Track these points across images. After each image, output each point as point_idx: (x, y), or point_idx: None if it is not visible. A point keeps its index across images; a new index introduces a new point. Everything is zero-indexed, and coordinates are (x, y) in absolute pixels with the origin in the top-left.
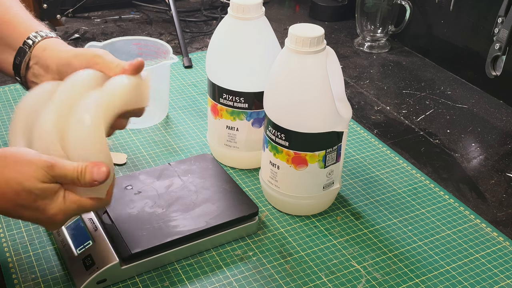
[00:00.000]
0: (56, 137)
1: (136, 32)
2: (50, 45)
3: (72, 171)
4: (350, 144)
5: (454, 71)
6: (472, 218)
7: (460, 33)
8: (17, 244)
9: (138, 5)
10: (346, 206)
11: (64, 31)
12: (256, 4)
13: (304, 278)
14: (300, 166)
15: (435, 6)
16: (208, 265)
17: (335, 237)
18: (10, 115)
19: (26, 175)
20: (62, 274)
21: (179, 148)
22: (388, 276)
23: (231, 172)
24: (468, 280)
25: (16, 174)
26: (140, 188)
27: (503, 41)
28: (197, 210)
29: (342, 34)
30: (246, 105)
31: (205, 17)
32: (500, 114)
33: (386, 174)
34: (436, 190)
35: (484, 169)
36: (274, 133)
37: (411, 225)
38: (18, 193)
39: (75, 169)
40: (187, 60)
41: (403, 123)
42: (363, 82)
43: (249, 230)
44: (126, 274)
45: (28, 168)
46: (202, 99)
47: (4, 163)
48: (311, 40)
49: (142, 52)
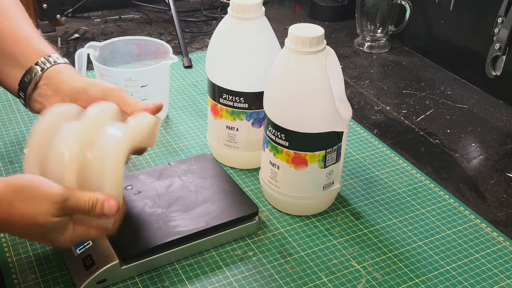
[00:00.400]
0: (75, 167)
1: (136, 32)
2: (65, 70)
3: (84, 204)
4: (350, 144)
5: (454, 71)
6: (472, 218)
7: (460, 33)
8: (17, 244)
9: (138, 5)
10: (346, 206)
11: (64, 31)
12: (256, 4)
13: (304, 278)
14: (300, 166)
15: (435, 6)
16: (208, 265)
17: (335, 237)
18: (10, 115)
19: (41, 212)
20: (62, 274)
21: (179, 148)
22: (388, 276)
23: (231, 172)
24: (468, 280)
25: (31, 209)
26: (140, 188)
27: (503, 41)
28: (197, 210)
29: (342, 34)
30: (246, 105)
31: (205, 17)
32: (500, 114)
33: (386, 174)
34: (436, 190)
35: (484, 169)
36: (274, 133)
37: (411, 225)
38: (30, 226)
39: (86, 202)
40: (187, 60)
41: (403, 123)
42: (363, 82)
43: (249, 230)
44: (126, 274)
45: (42, 205)
46: (202, 99)
47: (21, 197)
48: (311, 40)
49: (142, 52)
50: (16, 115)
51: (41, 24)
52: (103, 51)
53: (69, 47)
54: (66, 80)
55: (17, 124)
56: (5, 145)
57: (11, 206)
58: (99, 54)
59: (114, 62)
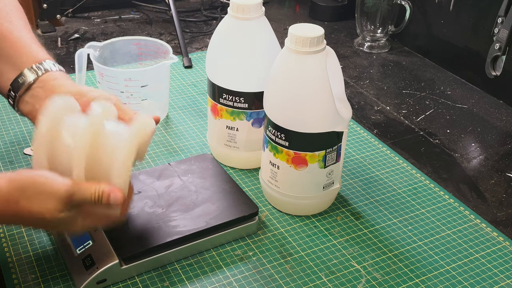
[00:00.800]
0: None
1: (136, 32)
2: (61, 77)
3: (90, 196)
4: (350, 144)
5: (454, 71)
6: (472, 218)
7: (460, 33)
8: (17, 244)
9: (138, 5)
10: (346, 206)
11: (64, 31)
12: (256, 4)
13: (304, 278)
14: (300, 166)
15: (435, 6)
16: (208, 265)
17: (335, 237)
18: (10, 115)
19: (48, 208)
20: (62, 274)
21: (179, 148)
22: (388, 276)
23: (231, 172)
24: (468, 280)
25: (38, 206)
26: (140, 188)
27: (503, 41)
28: (197, 210)
29: (342, 34)
30: (246, 105)
31: (205, 17)
32: (500, 114)
33: (386, 174)
34: (436, 190)
35: (484, 169)
36: (274, 133)
37: (411, 225)
38: (40, 222)
39: (92, 194)
40: (187, 60)
41: (403, 123)
42: (363, 82)
43: (249, 230)
44: (126, 274)
45: (49, 201)
46: (202, 99)
47: (26, 194)
48: (311, 40)
49: (142, 52)
50: (16, 115)
51: (41, 24)
52: (103, 51)
53: (69, 47)
54: (61, 85)
55: (17, 124)
56: (5, 145)
57: (18, 204)
58: (99, 54)
59: (114, 62)
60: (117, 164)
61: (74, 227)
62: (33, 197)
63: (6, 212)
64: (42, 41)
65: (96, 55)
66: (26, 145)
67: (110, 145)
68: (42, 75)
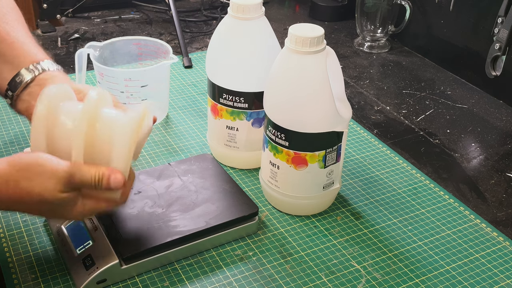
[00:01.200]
0: (82, 141)
1: (136, 32)
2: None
3: (90, 178)
4: (350, 144)
5: (454, 71)
6: (472, 218)
7: (460, 33)
8: (17, 244)
9: (138, 5)
10: (346, 206)
11: (64, 31)
12: (256, 4)
13: (304, 278)
14: (300, 166)
15: (435, 6)
16: (208, 265)
17: (335, 237)
18: (10, 115)
19: (48, 188)
20: (62, 274)
21: (179, 148)
22: (388, 276)
23: (231, 172)
24: (468, 280)
25: (38, 187)
26: (140, 188)
27: (503, 41)
28: (197, 210)
29: (342, 34)
30: (246, 105)
31: (205, 17)
32: (500, 114)
33: (386, 174)
34: (436, 190)
35: (484, 169)
36: (274, 133)
37: (411, 225)
38: (39, 203)
39: (92, 177)
40: (187, 60)
41: (403, 123)
42: (363, 82)
43: (249, 230)
44: (126, 274)
45: (49, 181)
46: (202, 99)
47: (26, 175)
48: (311, 40)
49: (142, 52)
50: (15, 115)
51: (41, 24)
52: (103, 51)
53: (69, 47)
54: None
55: (17, 124)
56: (5, 145)
57: (18, 185)
58: (99, 54)
59: (114, 62)
60: (118, 147)
61: (73, 211)
62: (33, 177)
63: (5, 194)
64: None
65: (96, 55)
66: (26, 145)
67: (110, 129)
68: (39, 74)
